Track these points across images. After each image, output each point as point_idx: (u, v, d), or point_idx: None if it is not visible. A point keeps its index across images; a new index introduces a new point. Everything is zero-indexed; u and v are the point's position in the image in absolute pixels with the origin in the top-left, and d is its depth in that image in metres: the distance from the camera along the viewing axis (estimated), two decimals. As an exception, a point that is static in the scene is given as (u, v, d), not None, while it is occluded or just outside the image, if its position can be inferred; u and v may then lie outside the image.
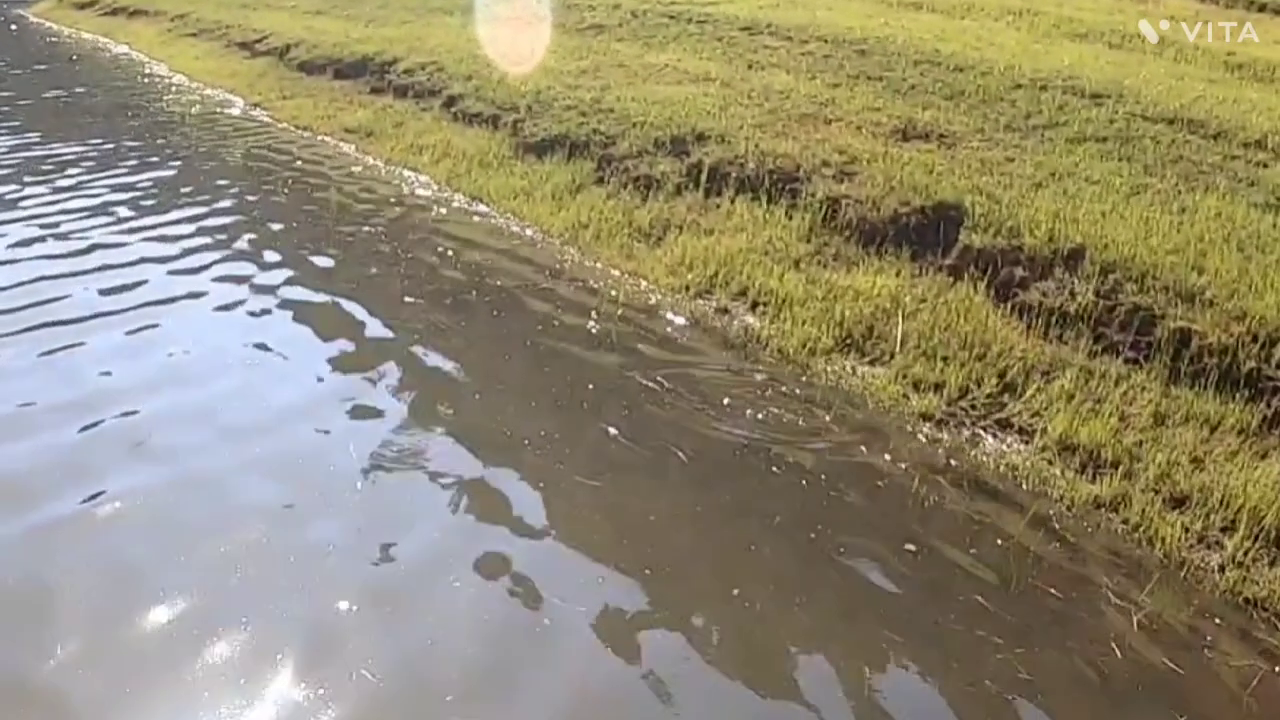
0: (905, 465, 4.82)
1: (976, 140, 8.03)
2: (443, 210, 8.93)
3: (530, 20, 13.99)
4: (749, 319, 6.39)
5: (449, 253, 7.74)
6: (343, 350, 6.02)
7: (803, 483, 4.69)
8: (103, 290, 6.75)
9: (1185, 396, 5.02)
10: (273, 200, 9.34)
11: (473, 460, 4.82)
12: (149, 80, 16.79)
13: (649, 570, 4.02)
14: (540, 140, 9.77)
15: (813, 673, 3.56)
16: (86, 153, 11.19)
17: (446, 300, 6.83)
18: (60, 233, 8.06)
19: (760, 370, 5.79)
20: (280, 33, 16.91)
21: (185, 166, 10.69)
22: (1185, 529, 4.26)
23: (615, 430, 5.05)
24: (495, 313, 6.67)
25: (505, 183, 9.17)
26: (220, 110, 13.76)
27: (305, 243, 8.03)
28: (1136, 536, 4.28)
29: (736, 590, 3.91)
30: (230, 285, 6.99)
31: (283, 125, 12.56)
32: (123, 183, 9.79)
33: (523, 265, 7.52)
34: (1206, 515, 4.31)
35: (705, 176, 8.17)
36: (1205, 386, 5.04)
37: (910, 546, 4.21)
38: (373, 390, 5.51)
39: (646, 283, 7.06)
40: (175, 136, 12.18)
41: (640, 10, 13.67)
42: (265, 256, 7.66)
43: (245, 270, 7.32)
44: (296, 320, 6.46)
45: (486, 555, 4.09)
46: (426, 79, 12.42)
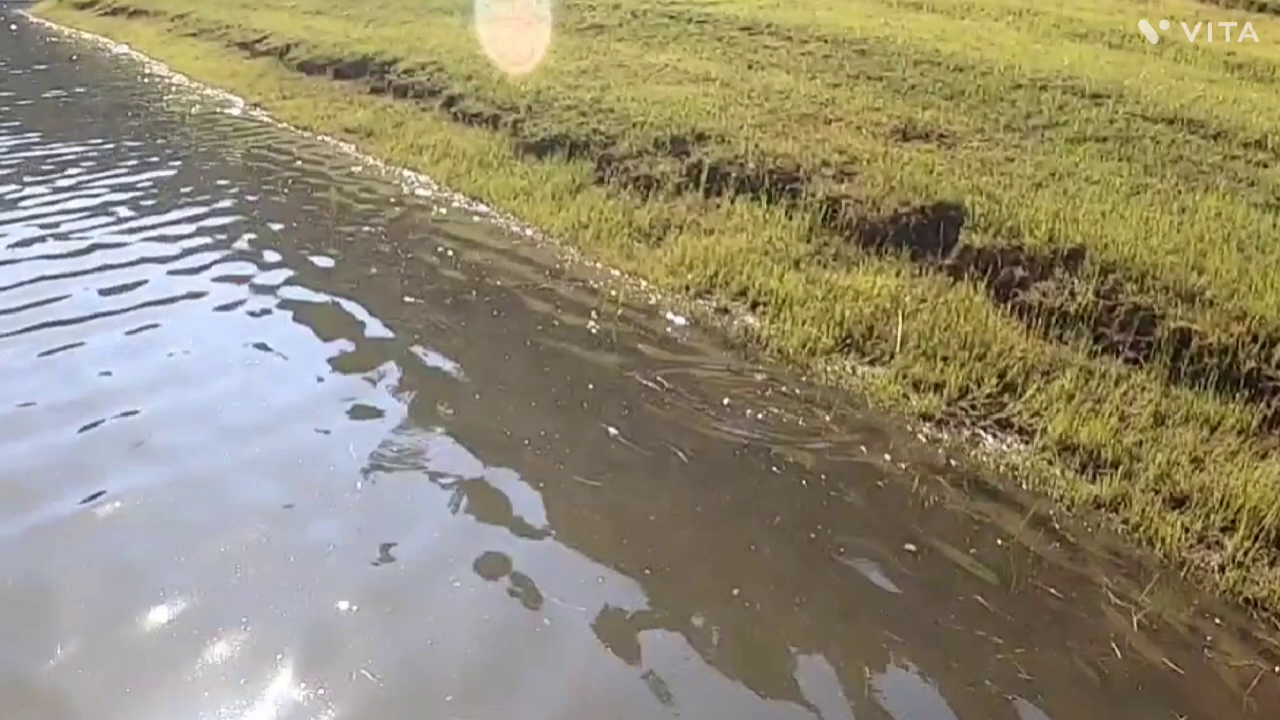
0: (905, 465, 4.82)
1: (976, 140, 8.03)
2: (443, 210, 8.93)
3: (530, 20, 13.99)
4: (749, 319, 6.39)
5: (449, 253, 7.74)
6: (343, 350, 6.02)
7: (803, 483, 4.69)
8: (103, 290, 6.74)
9: (1185, 396, 5.02)
10: (273, 200, 9.34)
11: (473, 460, 4.82)
12: (149, 80, 16.78)
13: (649, 570, 4.02)
14: (540, 140, 9.76)
15: (812, 673, 3.56)
16: (86, 153, 11.19)
17: (446, 300, 6.83)
18: (60, 233, 8.05)
19: (760, 370, 5.79)
20: (280, 33, 16.91)
21: (185, 166, 10.69)
22: (1185, 529, 4.26)
23: (615, 430, 5.05)
24: (495, 313, 6.67)
25: (505, 183, 9.17)
26: (220, 110, 13.76)
27: (305, 243, 8.03)
28: (1136, 536, 4.27)
29: (736, 590, 3.91)
30: (230, 285, 6.98)
31: (283, 125, 12.56)
32: (123, 183, 9.78)
33: (523, 265, 7.52)
34: (1206, 515, 4.30)
35: (705, 176, 8.17)
36: (1205, 386, 5.04)
37: (910, 546, 4.21)
38: (373, 390, 5.51)
39: (646, 283, 7.06)
40: (175, 136, 12.18)
41: (640, 10, 13.67)
42: (265, 256, 7.66)
43: (245, 270, 7.31)
44: (296, 320, 6.46)
45: (486, 555, 4.09)
46: (426, 79, 12.42)
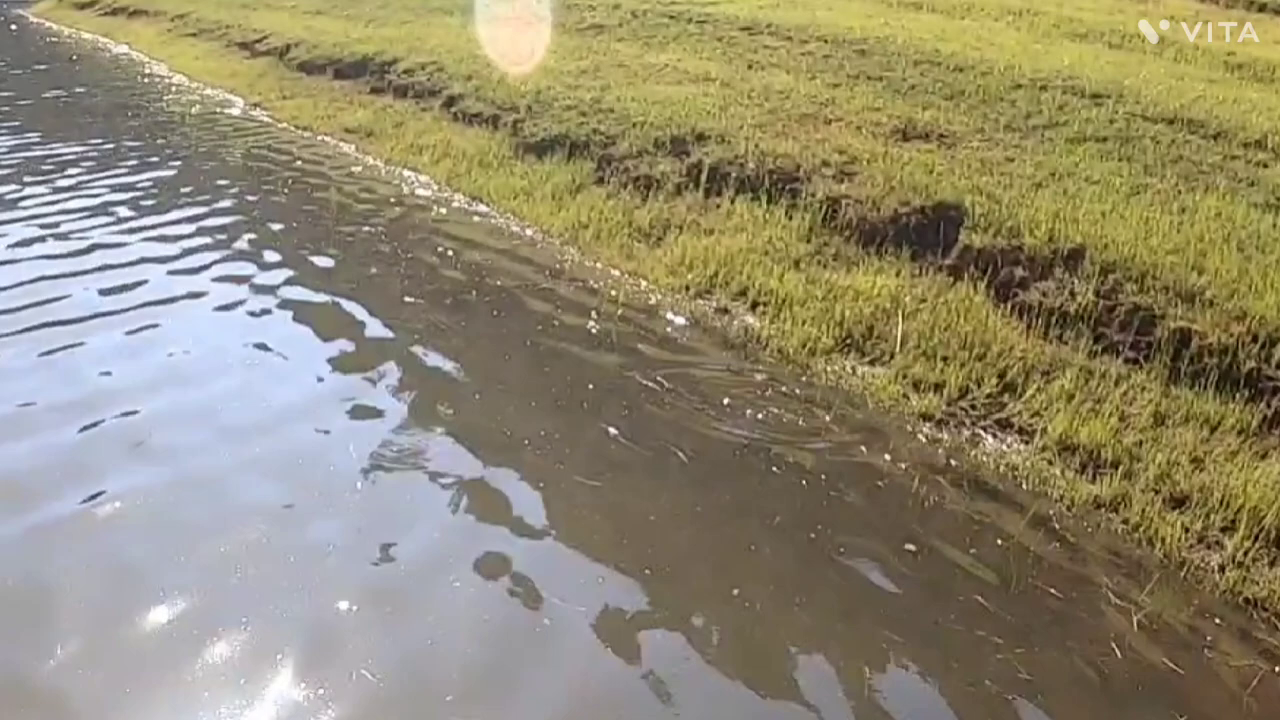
0: (905, 465, 4.82)
1: (976, 140, 8.03)
2: (443, 210, 8.93)
3: (530, 20, 13.99)
4: (749, 319, 6.39)
5: (449, 253, 7.74)
6: (343, 350, 6.02)
7: (803, 483, 4.69)
8: (103, 290, 6.74)
9: (1185, 396, 5.02)
10: (273, 200, 9.34)
11: (473, 460, 4.82)
12: (149, 80, 16.78)
13: (649, 570, 4.02)
14: (540, 140, 9.76)
15: (812, 673, 3.56)
16: (87, 152, 11.19)
17: (446, 300, 6.83)
18: (60, 233, 8.06)
19: (760, 370, 5.79)
20: (280, 33, 16.91)
21: (185, 166, 10.69)
22: (1185, 529, 4.26)
23: (615, 430, 5.05)
24: (495, 312, 6.67)
25: (505, 183, 9.17)
26: (220, 110, 13.75)
27: (305, 243, 8.03)
28: (1136, 536, 4.27)
29: (736, 590, 3.91)
30: (230, 285, 6.98)
31: (283, 125, 12.56)
32: (123, 183, 9.78)
33: (523, 265, 7.52)
34: (1206, 515, 4.30)
35: (705, 176, 8.17)
36: (1205, 386, 5.04)
37: (910, 546, 4.21)
38: (373, 390, 5.51)
39: (646, 283, 7.06)
40: (175, 136, 12.18)
41: (640, 10, 13.67)
42: (265, 256, 7.66)
43: (245, 270, 7.31)
44: (297, 320, 6.46)
45: (486, 555, 4.09)
46: (426, 79, 12.41)
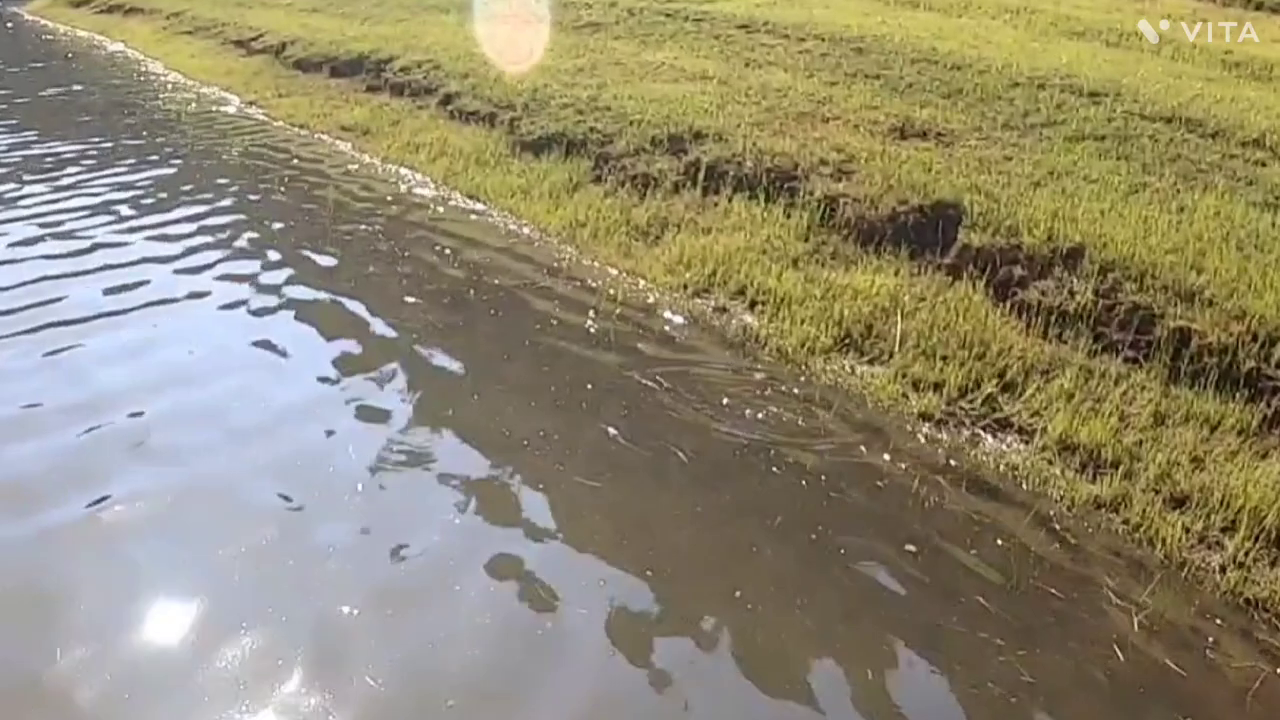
0: (905, 465, 4.82)
1: (974, 139, 8.03)
2: (440, 209, 8.92)
3: (526, 18, 13.96)
4: (747, 318, 6.39)
5: (447, 251, 7.73)
6: (344, 350, 6.01)
7: (802, 483, 4.69)
8: (105, 290, 6.74)
9: (1185, 396, 5.02)
10: (271, 199, 9.32)
11: (473, 461, 4.82)
12: (145, 78, 16.74)
13: (650, 571, 4.02)
14: (537, 138, 9.74)
15: (814, 675, 3.56)
16: (85, 151, 11.17)
17: (445, 299, 6.82)
18: (61, 232, 8.05)
19: (759, 369, 5.78)
20: (276, 30, 16.86)
21: (183, 165, 10.66)
22: (1186, 529, 4.26)
23: (614, 430, 5.05)
24: (494, 311, 6.67)
25: (502, 181, 9.15)
26: (216, 108, 13.73)
27: (304, 242, 8.01)
28: (1137, 537, 4.27)
29: (738, 592, 3.91)
30: (232, 284, 6.99)
31: (279, 123, 12.53)
32: (122, 181, 9.77)
33: (521, 264, 7.51)
34: (1207, 515, 4.30)
35: (703, 175, 8.17)
36: (1205, 386, 5.04)
37: (911, 547, 4.22)
38: (373, 390, 5.50)
39: (645, 281, 7.05)
40: (172, 135, 12.15)
41: (637, 8, 13.65)
42: (265, 255, 7.65)
43: (246, 269, 7.32)
44: (298, 320, 6.47)
45: (487, 557, 4.09)
46: (423, 77, 12.39)
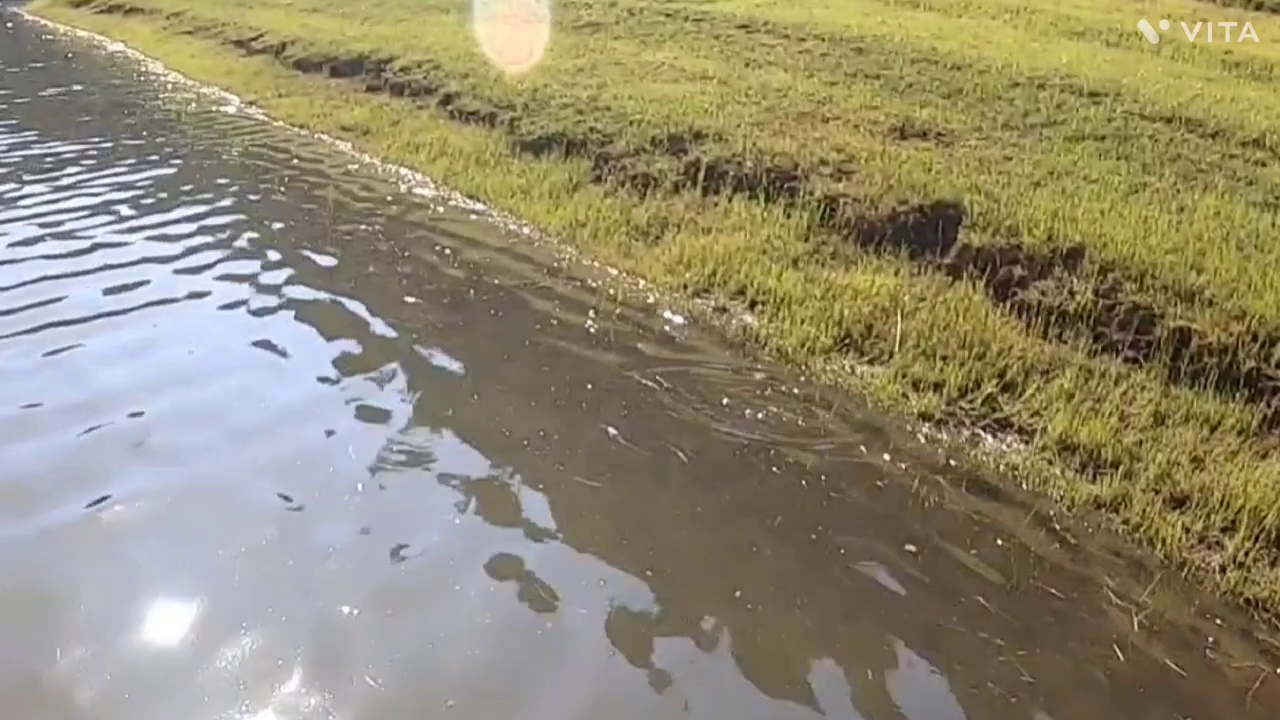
0: (905, 465, 4.81)
1: (974, 139, 8.02)
2: (440, 209, 8.92)
3: (526, 18, 13.96)
4: (747, 318, 6.39)
5: (447, 251, 7.73)
6: (344, 350, 6.01)
7: (803, 483, 4.69)
8: (105, 290, 6.74)
9: (1185, 396, 5.02)
10: (272, 199, 9.31)
11: (473, 461, 4.82)
12: (145, 78, 16.74)
13: (650, 571, 4.02)
14: (537, 138, 9.74)
15: (814, 674, 3.56)
16: (86, 150, 11.16)
17: (445, 299, 6.82)
18: (62, 232, 8.05)
19: (759, 369, 5.78)
20: (276, 30, 16.86)
21: (184, 165, 10.66)
22: (1186, 529, 4.26)
23: (614, 430, 5.05)
24: (494, 311, 6.67)
25: (502, 181, 9.15)
26: (216, 108, 13.72)
27: (304, 241, 8.01)
28: (1137, 537, 4.27)
29: (739, 592, 3.91)
30: (232, 284, 6.99)
31: (279, 123, 12.53)
32: (122, 181, 9.77)
33: (521, 264, 7.51)
34: (1207, 515, 4.30)
35: (703, 175, 8.16)
36: (1205, 386, 5.03)
37: (911, 547, 4.21)
38: (373, 390, 5.50)
39: (644, 281, 7.05)
40: (172, 135, 12.15)
41: (637, 8, 13.65)
42: (266, 255, 7.65)
43: (246, 269, 7.32)
44: (299, 319, 6.47)
45: (487, 558, 4.09)
46: (423, 77, 12.38)
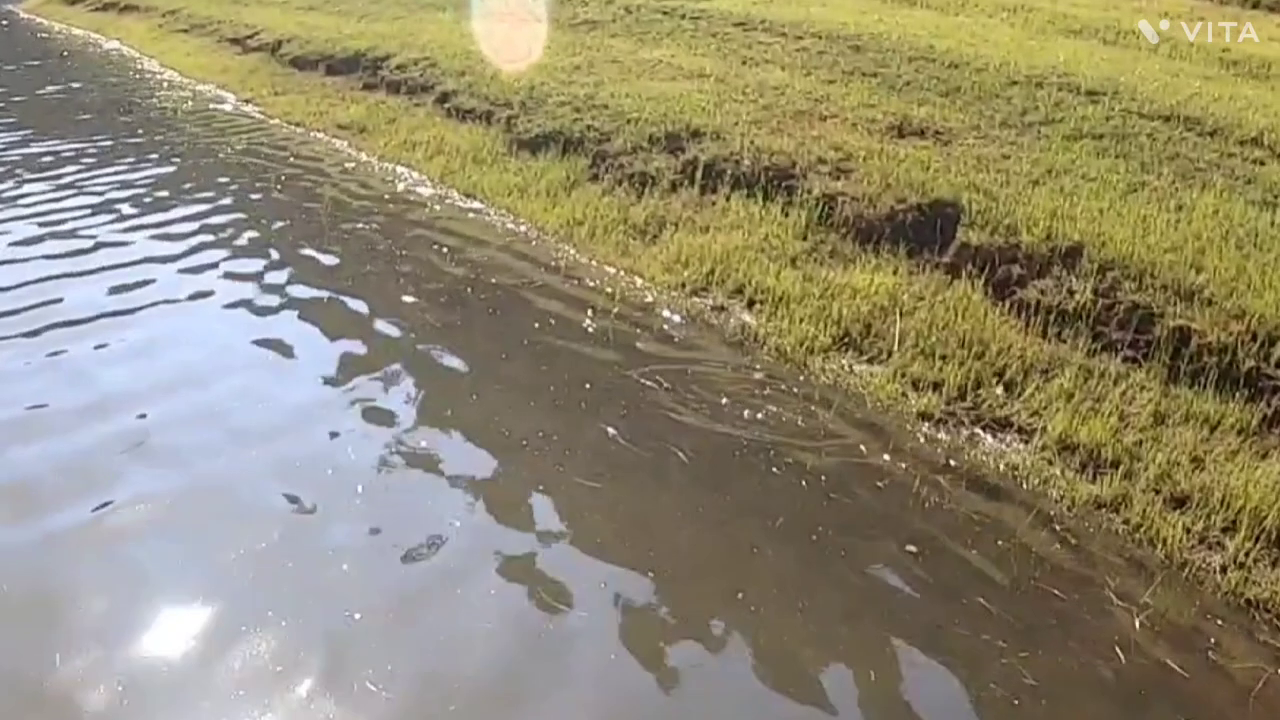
0: (905, 465, 4.80)
1: (972, 137, 8.02)
2: (437, 207, 8.90)
3: (523, 16, 13.94)
4: (746, 317, 6.38)
5: (445, 250, 7.71)
6: (345, 351, 6.01)
7: (803, 483, 4.67)
8: (108, 290, 6.73)
9: (1185, 395, 5.02)
10: (271, 198, 9.28)
11: (473, 462, 4.81)
12: (141, 76, 16.69)
13: (652, 572, 4.01)
14: (534, 136, 9.72)
15: (816, 675, 3.55)
16: (85, 149, 11.13)
17: (443, 299, 6.81)
18: (63, 231, 8.04)
19: (758, 368, 5.77)
20: (272, 28, 16.82)
21: (182, 164, 10.63)
22: (1186, 529, 4.25)
23: (614, 430, 5.03)
24: (492, 310, 6.66)
25: (499, 179, 9.13)
26: (212, 106, 13.68)
27: (303, 240, 7.98)
28: (1138, 537, 4.27)
29: (740, 593, 3.90)
30: (234, 283, 6.99)
31: (275, 121, 12.50)
32: (122, 180, 9.75)
33: (519, 262, 7.49)
34: (1207, 515, 4.30)
35: (700, 173, 8.15)
36: (1205, 385, 5.03)
37: (912, 547, 4.21)
38: (374, 391, 5.49)
39: (642, 280, 7.03)
40: (170, 133, 12.11)
41: (634, 6, 13.64)
42: (266, 255, 7.65)
43: (247, 269, 7.31)
44: (300, 319, 6.47)
45: (487, 560, 4.08)
46: (419, 75, 12.36)
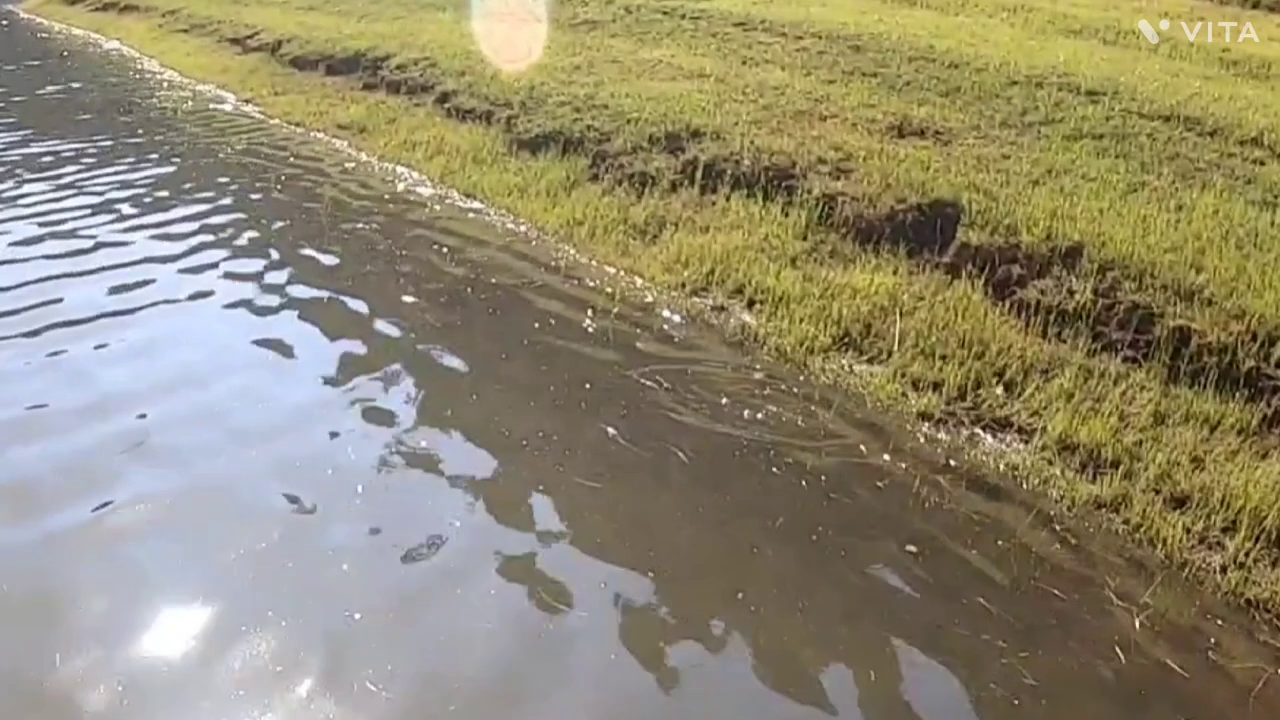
0: (905, 465, 4.80)
1: (972, 137, 8.02)
2: (437, 207, 8.89)
3: (523, 16, 13.94)
4: (746, 317, 6.37)
5: (445, 250, 7.71)
6: (346, 351, 6.00)
7: (803, 483, 4.67)
8: (109, 290, 6.73)
9: (1185, 395, 5.02)
10: (271, 198, 9.28)
11: (474, 462, 4.80)
12: (141, 76, 16.68)
13: (652, 573, 4.01)
14: (534, 136, 9.72)
15: (817, 676, 3.55)
16: (85, 149, 11.13)
17: (443, 299, 6.81)
18: (64, 231, 8.04)
19: (758, 368, 5.77)
20: (271, 28, 16.82)
21: (182, 164, 10.63)
22: (1186, 529, 4.25)
23: (614, 430, 5.03)
24: (492, 310, 6.66)
25: (499, 179, 9.13)
26: (212, 107, 13.67)
27: (303, 240, 7.98)
28: (1138, 537, 4.27)
29: (740, 594, 3.90)
30: (234, 283, 6.99)
31: (275, 121, 12.49)
32: (122, 180, 9.75)
33: (519, 262, 7.49)
34: (1207, 516, 4.30)
35: (700, 173, 8.15)
36: (1205, 385, 5.03)
37: (912, 548, 4.21)
38: (375, 391, 5.48)
39: (642, 280, 7.03)
40: (170, 133, 12.10)
41: (634, 6, 13.63)
42: (266, 254, 7.65)
43: (248, 269, 7.31)
44: (301, 319, 6.47)
45: (488, 561, 4.08)
46: (419, 75, 12.36)
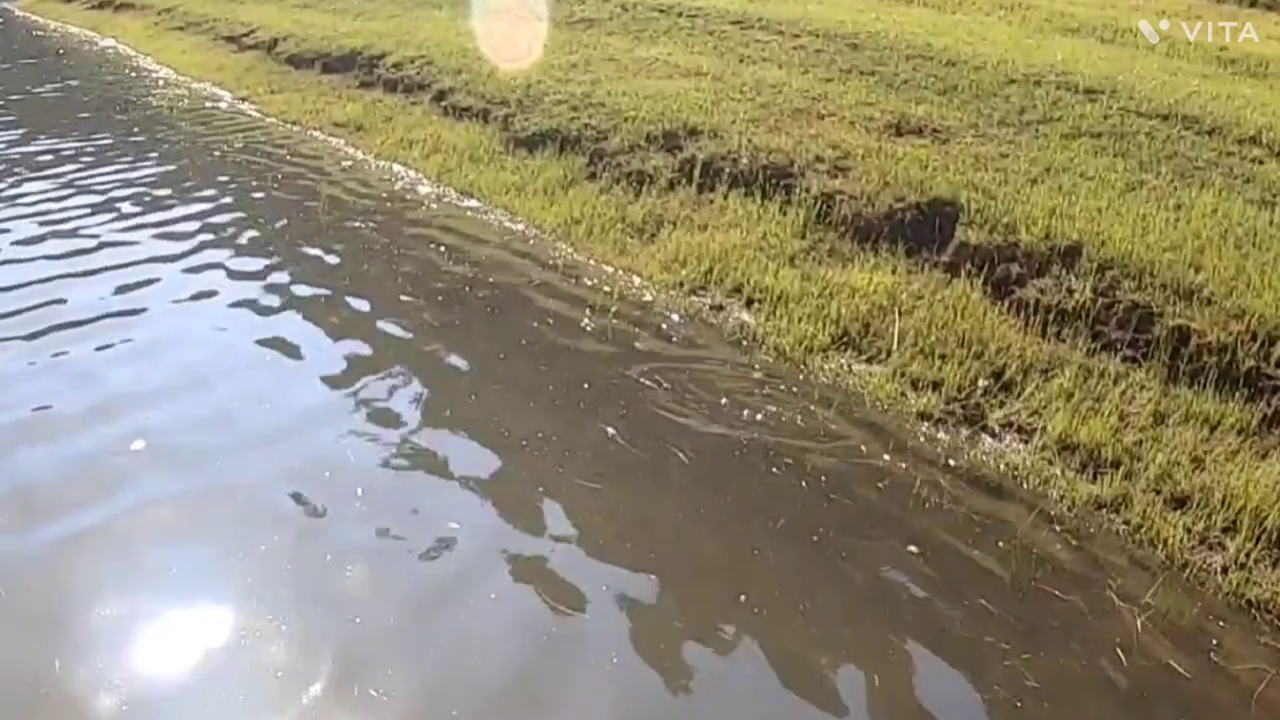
0: (905, 465, 4.79)
1: (970, 136, 8.01)
2: (435, 206, 8.87)
3: (520, 14, 13.92)
4: (744, 316, 6.36)
5: (443, 249, 7.70)
6: (346, 351, 6.00)
7: (803, 484, 4.66)
8: (111, 290, 6.71)
9: (1184, 395, 5.02)
10: (270, 197, 9.26)
11: (474, 463, 4.79)
12: (137, 74, 16.63)
13: (654, 574, 4.01)
14: (531, 135, 9.70)
15: (818, 676, 3.55)
16: (84, 147, 11.11)
17: (441, 298, 6.80)
18: (66, 230, 8.02)
19: (757, 368, 5.76)
20: (268, 26, 16.77)
21: (180, 162, 10.58)
22: (1187, 530, 4.25)
23: (613, 430, 5.02)
24: (490, 310, 6.65)
25: (496, 177, 9.11)
26: (208, 104, 13.64)
27: (302, 239, 7.96)
28: (1138, 537, 4.26)
29: (743, 595, 3.89)
30: (236, 283, 6.99)
31: (271, 120, 12.45)
32: (122, 178, 9.73)
33: (517, 261, 7.48)
34: (1208, 516, 4.30)
35: (698, 172, 8.14)
36: (1204, 385, 5.03)
37: (913, 548, 4.20)
38: (375, 392, 5.47)
39: (640, 279, 7.02)
40: (168, 132, 12.06)
41: (631, 4, 13.62)
42: (267, 254, 7.64)
43: (249, 268, 7.31)
44: (302, 319, 6.47)
45: (488, 562, 4.08)
46: (416, 73, 12.34)
